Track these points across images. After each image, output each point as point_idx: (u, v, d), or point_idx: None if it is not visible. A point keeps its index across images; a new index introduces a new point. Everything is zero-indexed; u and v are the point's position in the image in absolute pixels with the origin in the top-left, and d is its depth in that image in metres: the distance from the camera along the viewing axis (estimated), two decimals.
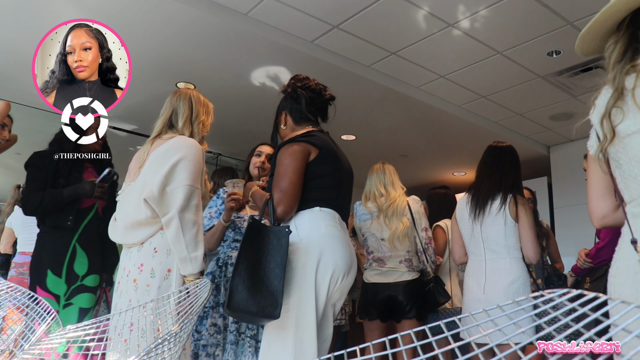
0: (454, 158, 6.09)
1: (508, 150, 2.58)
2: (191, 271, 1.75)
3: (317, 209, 1.75)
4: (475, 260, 2.49)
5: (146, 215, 1.77)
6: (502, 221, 2.40)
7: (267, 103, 4.67)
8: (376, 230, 2.92)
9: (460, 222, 2.59)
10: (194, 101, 2.01)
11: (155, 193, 1.74)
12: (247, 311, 1.49)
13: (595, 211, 1.21)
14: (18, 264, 3.42)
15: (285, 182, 1.71)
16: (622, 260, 1.05)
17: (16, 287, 1.43)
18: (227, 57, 3.81)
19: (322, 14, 3.34)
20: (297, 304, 1.64)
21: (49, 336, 1.27)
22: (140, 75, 4.15)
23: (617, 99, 1.03)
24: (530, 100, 4.56)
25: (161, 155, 1.83)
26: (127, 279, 1.79)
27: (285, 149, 1.78)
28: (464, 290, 2.54)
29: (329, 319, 1.77)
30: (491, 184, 2.48)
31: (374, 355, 0.61)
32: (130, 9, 3.22)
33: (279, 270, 1.56)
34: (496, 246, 2.41)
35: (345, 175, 1.90)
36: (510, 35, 3.52)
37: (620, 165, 1.05)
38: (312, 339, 1.62)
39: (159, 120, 1.99)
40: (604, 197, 1.19)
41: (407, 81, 4.28)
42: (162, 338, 1.00)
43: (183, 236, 1.73)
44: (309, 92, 1.95)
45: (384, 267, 2.88)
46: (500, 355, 0.53)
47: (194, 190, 1.79)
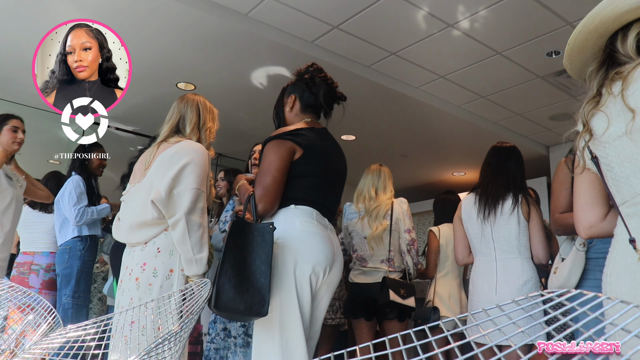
0: (453, 158, 6.09)
1: (513, 150, 2.58)
2: (196, 272, 1.78)
3: (292, 206, 1.75)
4: (484, 261, 2.47)
5: (152, 216, 1.79)
6: (515, 221, 2.39)
7: (267, 103, 4.67)
8: (360, 230, 3.00)
9: (467, 222, 2.57)
10: (201, 108, 2.04)
11: (163, 195, 1.77)
12: (234, 310, 1.49)
13: (583, 220, 1.20)
14: (19, 264, 3.43)
15: (268, 179, 1.71)
16: (617, 259, 1.05)
17: (17, 287, 1.44)
18: (227, 58, 3.81)
19: (322, 14, 3.34)
20: (279, 303, 1.64)
21: (50, 336, 1.27)
22: (140, 76, 4.15)
23: (597, 104, 1.07)
24: (530, 100, 4.56)
25: (169, 158, 1.85)
26: (129, 278, 1.81)
27: (272, 145, 1.78)
28: (473, 291, 2.50)
29: (315, 315, 1.77)
30: (500, 185, 2.47)
31: (373, 355, 0.61)
32: (131, 10, 3.22)
33: (264, 267, 1.56)
34: (508, 246, 2.40)
35: (332, 175, 1.89)
36: (510, 36, 3.52)
37: (612, 168, 1.06)
38: (299, 337, 1.62)
39: (166, 126, 2.01)
40: (592, 207, 1.18)
41: (406, 81, 4.28)
42: (162, 337, 1.01)
43: (189, 238, 1.76)
44: (325, 84, 1.94)
45: (367, 267, 2.95)
46: (505, 353, 0.53)
47: (200, 193, 1.82)
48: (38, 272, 3.39)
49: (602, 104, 1.06)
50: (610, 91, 1.05)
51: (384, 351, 0.63)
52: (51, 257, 3.42)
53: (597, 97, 1.08)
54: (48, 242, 3.46)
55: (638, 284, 0.98)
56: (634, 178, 1.01)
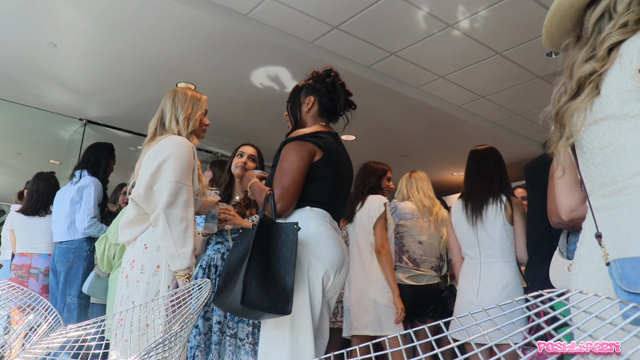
0: (453, 158, 6.09)
1: (489, 152, 2.60)
2: (179, 267, 1.76)
3: (307, 208, 1.77)
4: (471, 264, 2.53)
5: (134, 213, 1.83)
6: (499, 225, 2.45)
7: (267, 103, 4.68)
8: (415, 232, 3.04)
9: (457, 226, 2.62)
10: (177, 99, 2.02)
11: (142, 192, 1.80)
12: (260, 306, 1.50)
13: (564, 204, 1.18)
14: (17, 266, 3.41)
15: (288, 179, 1.72)
16: (585, 257, 1.00)
17: (18, 287, 1.44)
18: (227, 58, 3.81)
19: (322, 15, 3.34)
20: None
21: (51, 335, 1.27)
22: (140, 76, 4.16)
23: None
24: (529, 100, 4.56)
25: (151, 156, 1.88)
26: (121, 275, 1.83)
27: (293, 146, 1.79)
28: (458, 293, 2.58)
29: (324, 316, 1.79)
30: (481, 189, 2.52)
31: (373, 355, 0.61)
32: (131, 10, 3.22)
33: (289, 266, 1.57)
34: (492, 250, 2.45)
35: (344, 180, 1.92)
36: (510, 36, 3.52)
37: (584, 152, 1.02)
38: (309, 337, 1.64)
39: (150, 123, 2.03)
40: (571, 190, 1.16)
41: (406, 81, 4.28)
42: (162, 337, 1.01)
43: (170, 232, 1.75)
44: (344, 91, 1.98)
45: (418, 270, 3.03)
46: (501, 354, 0.53)
47: (181, 186, 1.81)
48: (37, 277, 3.38)
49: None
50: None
51: (383, 351, 0.63)
52: (49, 260, 3.41)
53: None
54: (45, 242, 3.45)
55: (603, 283, 0.93)
56: (604, 167, 0.97)
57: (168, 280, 1.78)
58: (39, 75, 4.26)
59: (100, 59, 3.92)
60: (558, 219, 1.94)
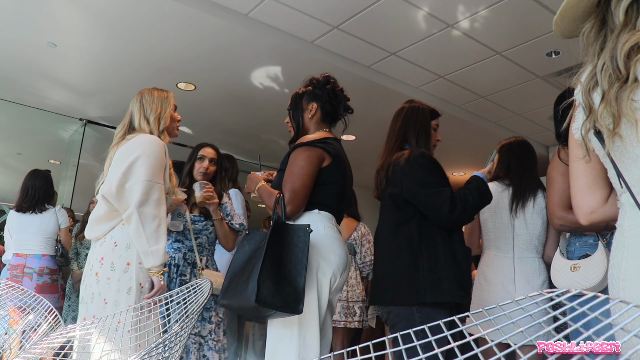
0: (453, 158, 6.09)
1: (534, 151, 2.53)
2: (153, 264, 1.79)
3: (316, 211, 1.83)
4: (500, 257, 2.37)
5: (104, 210, 1.84)
6: (540, 220, 2.33)
7: (267, 103, 4.68)
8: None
9: (488, 211, 2.42)
10: (144, 100, 2.05)
11: (113, 190, 1.81)
12: (273, 305, 1.52)
13: (582, 205, 1.06)
14: (13, 266, 3.41)
15: (299, 183, 1.77)
16: (631, 260, 0.87)
17: (18, 287, 1.43)
18: (227, 57, 3.81)
19: (322, 15, 3.34)
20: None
21: (51, 335, 1.27)
22: (140, 76, 4.15)
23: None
24: (530, 100, 4.56)
25: (122, 154, 1.90)
26: (90, 272, 1.83)
27: (303, 151, 1.84)
28: (486, 285, 2.38)
29: (328, 316, 1.84)
30: (531, 181, 2.39)
31: (373, 355, 0.61)
32: (131, 10, 3.22)
33: (300, 267, 1.61)
34: (528, 245, 2.33)
35: (348, 185, 1.98)
36: (510, 36, 3.52)
37: (625, 145, 0.91)
38: (315, 336, 1.68)
39: (118, 128, 2.05)
40: (591, 190, 1.05)
41: (406, 81, 4.28)
42: (162, 338, 1.01)
43: (143, 230, 1.78)
44: (343, 97, 2.07)
45: None
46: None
47: (153, 185, 1.84)
48: (31, 276, 3.38)
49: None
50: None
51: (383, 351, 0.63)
52: (44, 261, 3.42)
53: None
54: (40, 243, 3.45)
55: None
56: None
57: (139, 277, 1.80)
58: (39, 75, 4.26)
59: (100, 59, 3.92)
60: (561, 221, 1.92)
